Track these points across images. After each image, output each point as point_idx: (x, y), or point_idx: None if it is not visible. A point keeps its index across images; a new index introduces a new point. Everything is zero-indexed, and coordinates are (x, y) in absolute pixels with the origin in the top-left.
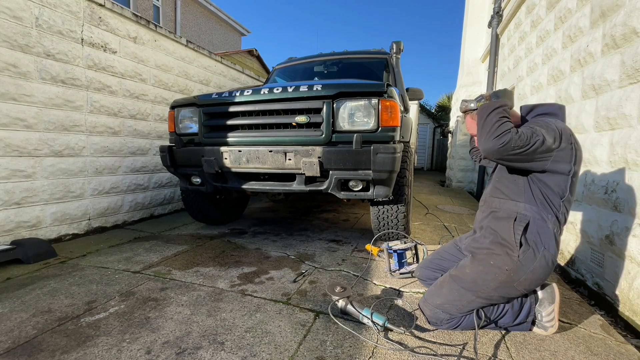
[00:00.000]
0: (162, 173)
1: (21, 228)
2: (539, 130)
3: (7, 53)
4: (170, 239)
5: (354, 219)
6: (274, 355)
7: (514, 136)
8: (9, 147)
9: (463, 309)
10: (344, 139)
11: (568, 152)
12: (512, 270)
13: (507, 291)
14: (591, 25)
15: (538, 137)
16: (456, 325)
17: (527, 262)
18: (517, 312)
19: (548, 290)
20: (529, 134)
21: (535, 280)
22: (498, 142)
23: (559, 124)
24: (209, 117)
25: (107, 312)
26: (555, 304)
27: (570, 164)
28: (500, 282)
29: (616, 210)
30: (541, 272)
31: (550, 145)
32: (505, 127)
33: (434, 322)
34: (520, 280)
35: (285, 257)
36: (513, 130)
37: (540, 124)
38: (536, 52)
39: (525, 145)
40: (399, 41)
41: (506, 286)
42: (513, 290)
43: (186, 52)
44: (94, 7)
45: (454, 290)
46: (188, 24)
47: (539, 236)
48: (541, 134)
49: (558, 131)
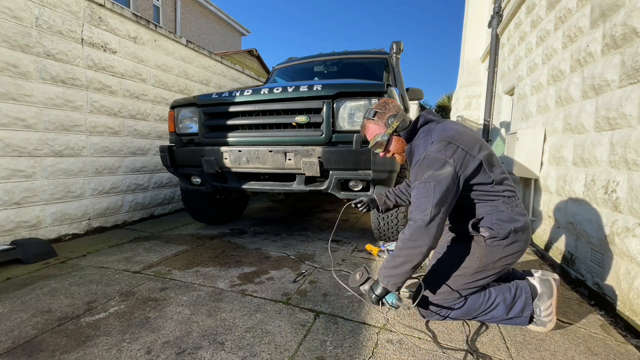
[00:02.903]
0: (162, 173)
1: (21, 228)
2: (430, 179)
3: (7, 53)
4: (170, 239)
5: (354, 219)
6: (274, 355)
7: (423, 226)
8: (9, 147)
9: (447, 300)
10: (344, 139)
11: (461, 155)
12: (484, 256)
13: (487, 274)
14: (591, 25)
15: (437, 186)
16: (445, 316)
17: (496, 243)
18: (510, 305)
19: (546, 284)
20: (428, 196)
21: (513, 255)
22: (429, 237)
23: (436, 137)
24: (209, 117)
25: (107, 312)
26: (553, 298)
27: (471, 160)
28: (475, 270)
29: (616, 210)
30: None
31: (450, 171)
32: (411, 251)
33: (425, 315)
34: (496, 260)
35: (285, 257)
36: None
37: (425, 167)
38: (536, 52)
39: (442, 201)
40: (399, 41)
41: (485, 272)
42: (492, 270)
43: (186, 52)
44: (94, 7)
45: (438, 284)
46: (188, 24)
47: (496, 220)
48: (434, 179)
49: (442, 151)
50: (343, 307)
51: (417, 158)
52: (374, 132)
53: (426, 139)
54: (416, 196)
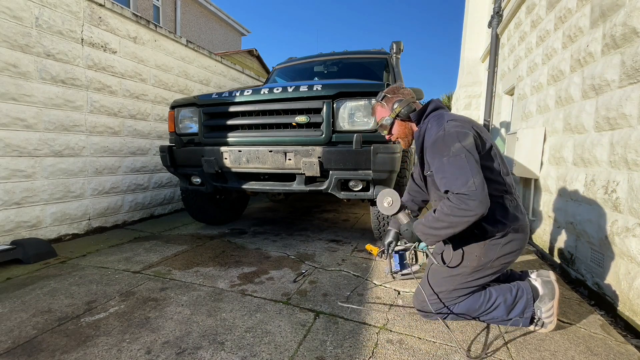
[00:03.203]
0: (162, 173)
1: (21, 228)
2: (459, 151)
3: (7, 53)
4: (170, 239)
5: (354, 219)
6: (274, 355)
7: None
8: (9, 147)
9: (447, 299)
10: (344, 139)
11: (476, 135)
12: (482, 255)
13: (486, 273)
14: (591, 25)
15: (469, 156)
16: (445, 315)
17: (494, 242)
18: (511, 306)
19: (548, 286)
20: (463, 167)
21: (511, 253)
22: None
23: (449, 118)
24: (209, 117)
25: (107, 312)
26: (555, 300)
27: (484, 141)
28: (473, 269)
29: (616, 210)
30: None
31: (473, 142)
32: (454, 216)
33: (424, 315)
34: (494, 259)
35: (285, 257)
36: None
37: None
38: (536, 52)
39: (478, 170)
40: (399, 41)
41: (483, 272)
42: (491, 269)
43: (186, 52)
44: (94, 7)
45: (436, 284)
46: (188, 24)
47: (499, 216)
48: (463, 150)
49: (461, 126)
50: (343, 307)
51: (432, 138)
52: (380, 115)
53: (439, 121)
54: (448, 171)
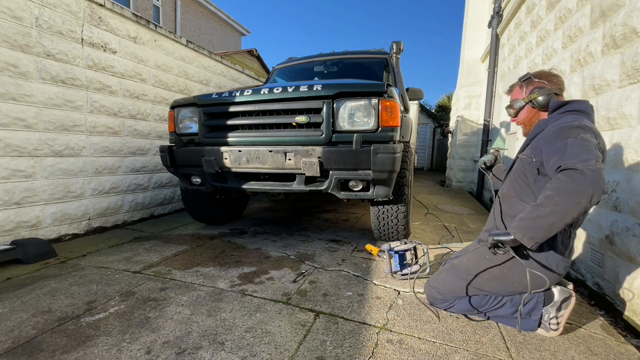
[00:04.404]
0: (162, 173)
1: (21, 228)
2: (586, 142)
3: (7, 53)
4: (170, 239)
5: (354, 219)
6: (274, 355)
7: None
8: (9, 147)
9: (455, 293)
10: (344, 139)
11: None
12: (506, 266)
13: (502, 286)
14: (591, 25)
15: (594, 148)
16: (449, 306)
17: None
18: (518, 305)
19: (565, 295)
20: (588, 148)
21: (536, 283)
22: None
23: (591, 124)
24: (209, 117)
25: (107, 312)
26: (568, 310)
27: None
28: (492, 276)
29: (616, 210)
30: (539, 278)
31: (601, 153)
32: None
33: (430, 301)
34: (516, 278)
35: (285, 257)
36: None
37: (575, 130)
38: (536, 52)
39: (596, 167)
40: (399, 41)
41: (500, 281)
42: (508, 286)
43: (186, 52)
44: (94, 7)
45: (450, 276)
46: (188, 24)
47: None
48: (590, 143)
49: (591, 130)
50: (343, 307)
51: (561, 125)
52: (515, 96)
53: (577, 118)
54: (569, 149)
